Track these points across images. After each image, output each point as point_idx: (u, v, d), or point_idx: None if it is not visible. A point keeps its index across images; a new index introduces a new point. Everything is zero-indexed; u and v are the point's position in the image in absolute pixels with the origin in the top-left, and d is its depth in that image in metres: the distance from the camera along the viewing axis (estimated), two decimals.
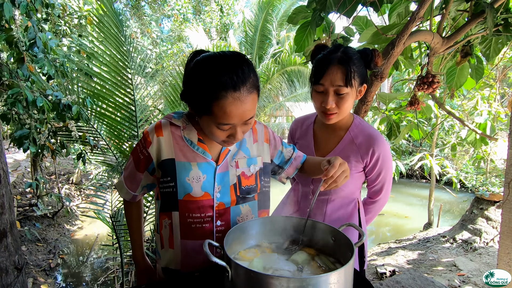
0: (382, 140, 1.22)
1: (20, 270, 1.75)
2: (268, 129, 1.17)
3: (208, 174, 1.00)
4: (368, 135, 1.22)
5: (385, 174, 1.25)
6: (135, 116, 2.95)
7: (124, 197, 1.15)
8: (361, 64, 1.13)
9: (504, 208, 1.93)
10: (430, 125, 5.13)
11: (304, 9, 1.84)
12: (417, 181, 9.75)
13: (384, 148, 1.22)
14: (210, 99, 0.83)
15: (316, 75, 1.13)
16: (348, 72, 1.08)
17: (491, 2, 1.49)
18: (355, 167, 1.23)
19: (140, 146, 1.03)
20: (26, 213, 4.83)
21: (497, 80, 3.37)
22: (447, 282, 3.12)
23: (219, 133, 0.90)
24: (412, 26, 1.44)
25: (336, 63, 1.09)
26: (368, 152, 1.20)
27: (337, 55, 1.10)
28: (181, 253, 1.03)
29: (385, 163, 1.23)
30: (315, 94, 1.17)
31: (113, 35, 2.82)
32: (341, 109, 1.14)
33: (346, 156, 1.23)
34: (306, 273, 0.82)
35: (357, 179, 1.26)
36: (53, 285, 3.79)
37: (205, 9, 12.70)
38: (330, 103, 1.12)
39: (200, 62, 0.86)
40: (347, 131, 1.26)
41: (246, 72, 0.85)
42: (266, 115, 13.06)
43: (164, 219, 1.04)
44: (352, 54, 1.11)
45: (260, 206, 1.11)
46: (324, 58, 1.12)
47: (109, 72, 2.88)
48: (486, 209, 4.31)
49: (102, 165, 3.64)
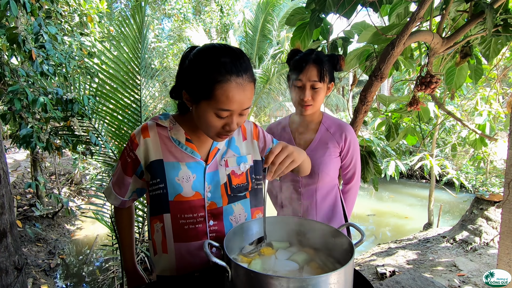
0: (350, 127, 1.45)
1: (20, 270, 1.75)
2: (258, 127, 1.17)
3: (197, 173, 1.00)
4: (338, 124, 1.45)
5: (356, 158, 1.47)
6: (139, 116, 2.95)
7: (113, 203, 1.13)
8: (330, 65, 1.34)
9: (504, 208, 1.93)
10: (431, 125, 5.13)
11: (301, 11, 1.84)
12: (417, 181, 9.74)
13: (353, 134, 1.44)
14: (213, 81, 0.82)
15: (295, 72, 1.34)
16: (322, 70, 1.29)
17: (490, 3, 1.49)
18: (334, 152, 1.41)
19: (128, 149, 1.02)
20: (26, 213, 4.83)
21: (497, 80, 3.37)
22: (447, 282, 3.12)
23: (215, 121, 0.88)
24: (412, 26, 1.44)
25: (312, 63, 1.30)
26: (342, 137, 1.41)
27: (312, 56, 1.31)
28: (175, 257, 1.01)
29: (355, 147, 1.45)
30: (293, 89, 1.36)
31: (132, 36, 2.85)
32: (316, 101, 1.34)
33: (325, 143, 1.42)
34: (306, 273, 0.82)
35: (336, 163, 1.44)
36: (53, 285, 3.79)
37: (205, 9, 12.71)
38: (307, 95, 1.32)
39: (204, 50, 0.87)
40: (320, 123, 1.46)
41: (247, 62, 0.88)
42: (266, 115, 13.07)
43: (156, 223, 1.02)
44: (323, 57, 1.32)
45: (253, 204, 1.10)
46: (301, 59, 1.33)
47: (118, 71, 2.89)
48: (486, 209, 4.31)
49: (102, 165, 3.64)
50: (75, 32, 3.75)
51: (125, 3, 11.42)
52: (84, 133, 3.02)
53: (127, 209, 1.18)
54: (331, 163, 1.41)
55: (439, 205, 5.88)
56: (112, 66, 2.88)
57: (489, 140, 3.33)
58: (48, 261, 4.17)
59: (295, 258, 0.89)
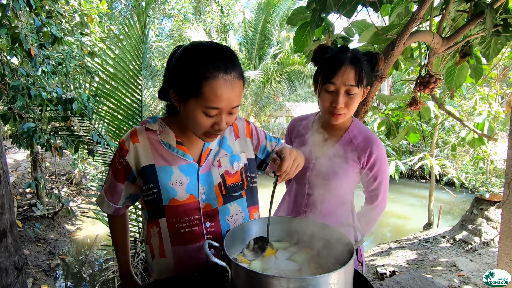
0: (379, 142, 1.23)
1: (20, 270, 1.75)
2: (250, 124, 1.15)
3: (191, 176, 0.99)
4: (366, 136, 1.23)
5: (382, 178, 1.25)
6: (140, 116, 2.96)
7: (106, 211, 1.10)
8: (368, 66, 1.14)
9: (504, 208, 1.93)
10: (430, 125, 5.13)
11: (303, 10, 1.84)
12: (417, 181, 9.74)
13: (381, 151, 1.23)
14: (200, 78, 0.81)
15: (327, 74, 1.12)
16: (360, 72, 1.09)
17: (490, 3, 1.49)
18: (352, 167, 1.23)
19: (117, 156, 1.00)
20: (26, 213, 4.83)
21: (497, 80, 3.37)
22: (447, 282, 3.12)
23: (204, 120, 0.86)
24: (412, 26, 1.44)
25: (349, 63, 1.09)
26: (365, 153, 1.21)
27: (348, 55, 1.11)
28: (173, 260, 1.00)
29: (381, 166, 1.23)
30: (324, 94, 1.15)
31: (134, 36, 2.85)
32: (350, 109, 1.14)
33: (344, 156, 1.22)
34: (306, 273, 0.82)
35: (352, 179, 1.25)
36: (53, 285, 3.79)
37: (205, 10, 12.71)
38: (340, 102, 1.11)
39: (191, 47, 0.85)
40: (346, 131, 1.26)
41: (235, 59, 0.86)
42: (266, 115, 13.07)
43: (152, 227, 1.02)
44: (361, 56, 1.12)
45: (249, 203, 1.09)
46: (335, 58, 1.12)
47: (119, 71, 2.89)
48: (486, 209, 4.31)
49: (102, 165, 3.64)
50: (75, 32, 3.75)
51: (125, 3, 11.41)
52: (84, 133, 3.01)
53: (121, 217, 1.16)
54: (346, 178, 1.23)
55: (439, 205, 5.88)
56: (113, 65, 2.88)
57: (488, 139, 3.33)
58: (48, 261, 4.17)
59: (295, 258, 0.89)
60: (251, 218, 1.10)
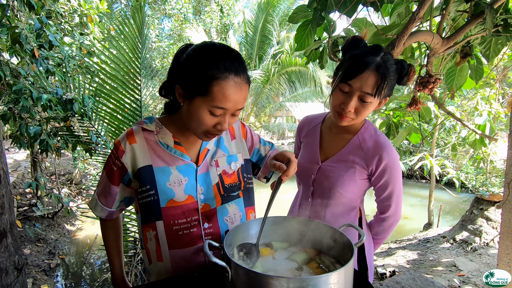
0: (391, 149, 1.14)
1: (20, 270, 1.75)
2: (245, 126, 1.15)
3: (189, 176, 0.98)
4: (376, 141, 1.15)
5: (394, 187, 1.16)
6: (139, 116, 2.96)
7: (99, 215, 1.06)
8: (395, 77, 1.04)
9: (504, 209, 1.93)
10: (431, 125, 5.13)
11: (304, 8, 1.84)
12: (417, 181, 9.75)
13: (393, 158, 1.13)
14: (211, 77, 0.81)
15: (346, 73, 1.03)
16: (382, 82, 0.99)
17: (490, 3, 1.49)
18: (359, 173, 1.16)
19: (112, 157, 0.97)
20: (26, 213, 4.83)
21: (497, 80, 3.37)
22: (447, 282, 3.11)
23: (208, 119, 0.86)
24: (412, 26, 1.43)
25: (373, 69, 0.99)
26: (374, 159, 1.13)
27: (376, 59, 1.00)
28: (171, 264, 0.98)
29: (393, 174, 1.14)
30: (337, 91, 1.07)
31: (132, 36, 2.85)
32: (358, 116, 1.07)
33: (351, 161, 1.16)
34: (306, 273, 0.82)
35: (360, 186, 1.18)
36: (53, 285, 3.79)
37: (205, 10, 12.72)
38: (350, 106, 1.04)
39: (204, 46, 0.86)
40: (356, 134, 1.19)
41: (244, 64, 0.88)
42: (266, 115, 13.07)
43: (148, 231, 0.99)
44: (390, 64, 1.02)
45: (246, 203, 1.09)
46: (362, 58, 1.01)
47: (118, 71, 2.89)
48: (486, 209, 4.31)
49: (102, 164, 3.64)
50: (75, 32, 3.75)
51: (125, 3, 11.42)
52: (84, 133, 3.01)
53: (114, 221, 1.12)
54: (352, 184, 1.16)
55: (439, 205, 5.88)
56: (112, 66, 2.88)
57: (489, 140, 3.33)
58: (48, 261, 4.17)
59: (295, 258, 0.89)
60: (248, 218, 1.10)
